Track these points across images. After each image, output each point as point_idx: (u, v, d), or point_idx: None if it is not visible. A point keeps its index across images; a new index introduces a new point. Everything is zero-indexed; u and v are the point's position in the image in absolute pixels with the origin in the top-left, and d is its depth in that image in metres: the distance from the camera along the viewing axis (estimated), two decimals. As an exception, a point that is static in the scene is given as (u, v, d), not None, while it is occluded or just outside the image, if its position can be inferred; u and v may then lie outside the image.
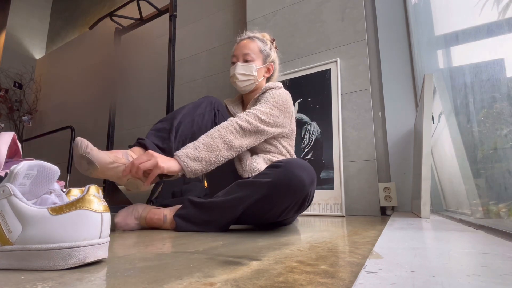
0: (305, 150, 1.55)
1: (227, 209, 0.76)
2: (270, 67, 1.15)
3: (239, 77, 1.08)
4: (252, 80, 1.10)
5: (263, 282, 0.30)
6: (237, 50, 1.12)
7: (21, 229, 0.36)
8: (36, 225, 0.36)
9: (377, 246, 0.49)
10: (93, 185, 0.40)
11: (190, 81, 2.24)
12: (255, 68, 1.09)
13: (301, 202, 0.75)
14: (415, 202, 1.16)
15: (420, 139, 1.04)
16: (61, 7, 3.90)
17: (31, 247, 0.36)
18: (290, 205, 0.73)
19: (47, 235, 0.36)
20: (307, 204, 0.79)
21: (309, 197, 0.76)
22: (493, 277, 0.29)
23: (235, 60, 1.11)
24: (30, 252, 0.36)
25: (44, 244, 0.36)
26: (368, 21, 1.58)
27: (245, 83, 1.09)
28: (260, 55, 1.11)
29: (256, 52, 1.10)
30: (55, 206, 0.37)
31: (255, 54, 1.10)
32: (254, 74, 1.09)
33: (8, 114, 3.45)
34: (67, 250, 0.37)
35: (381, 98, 1.49)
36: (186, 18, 2.39)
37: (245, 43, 1.12)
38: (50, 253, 0.36)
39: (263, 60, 1.12)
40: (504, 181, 0.79)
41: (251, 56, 1.09)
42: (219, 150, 0.85)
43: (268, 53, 1.14)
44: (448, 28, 1.16)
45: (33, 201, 0.40)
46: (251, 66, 1.08)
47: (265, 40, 1.15)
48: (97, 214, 0.39)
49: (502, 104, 0.78)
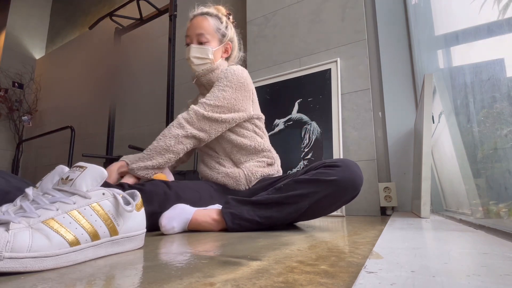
0: (305, 150, 1.55)
1: (291, 204, 0.76)
2: (228, 47, 1.09)
3: (194, 60, 1.02)
4: (209, 63, 1.04)
5: (263, 282, 0.30)
6: (190, 29, 1.04)
7: (123, 222, 0.48)
8: (130, 219, 0.49)
9: (377, 246, 0.49)
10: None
11: (190, 81, 2.24)
12: (211, 51, 1.02)
13: (354, 196, 0.79)
14: (415, 202, 1.16)
15: (420, 139, 1.04)
16: (61, 7, 3.90)
17: (130, 234, 0.50)
18: (347, 200, 0.78)
19: (137, 224, 0.51)
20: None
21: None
22: (493, 277, 0.29)
23: (188, 41, 1.04)
24: (129, 239, 0.50)
25: (135, 231, 0.51)
26: (368, 21, 1.58)
27: (202, 66, 1.04)
28: (215, 34, 1.05)
29: (211, 32, 1.04)
30: (137, 202, 0.52)
31: (209, 35, 1.03)
32: (210, 57, 1.03)
33: (8, 114, 3.44)
34: (143, 235, 0.54)
35: (381, 98, 1.49)
36: (186, 18, 2.38)
37: (198, 21, 1.04)
38: (138, 238, 0.52)
39: (219, 40, 1.06)
40: (504, 181, 0.79)
41: (205, 37, 1.02)
42: (165, 150, 0.92)
43: (224, 33, 1.07)
44: (448, 28, 1.16)
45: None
46: (206, 48, 1.02)
47: (220, 16, 1.08)
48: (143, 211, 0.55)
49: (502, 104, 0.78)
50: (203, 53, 1.02)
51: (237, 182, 0.98)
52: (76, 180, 0.43)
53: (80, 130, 2.83)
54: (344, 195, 0.76)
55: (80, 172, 0.44)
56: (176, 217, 0.75)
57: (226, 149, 1.03)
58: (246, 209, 0.78)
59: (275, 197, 0.78)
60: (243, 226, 0.76)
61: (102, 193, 0.45)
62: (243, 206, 0.79)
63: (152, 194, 0.80)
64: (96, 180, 0.45)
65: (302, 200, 0.76)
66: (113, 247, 0.47)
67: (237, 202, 0.80)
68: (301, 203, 0.76)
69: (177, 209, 0.76)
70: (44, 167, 3.31)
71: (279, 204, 0.77)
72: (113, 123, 2.17)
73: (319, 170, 0.78)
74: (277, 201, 0.77)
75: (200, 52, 1.02)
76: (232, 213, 0.77)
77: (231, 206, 0.79)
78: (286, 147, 1.59)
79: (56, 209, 0.40)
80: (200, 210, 0.80)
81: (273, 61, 1.81)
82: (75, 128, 2.40)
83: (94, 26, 2.29)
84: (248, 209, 0.78)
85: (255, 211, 0.77)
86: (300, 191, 0.76)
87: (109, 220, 0.45)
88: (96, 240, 0.43)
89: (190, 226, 0.77)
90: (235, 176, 0.98)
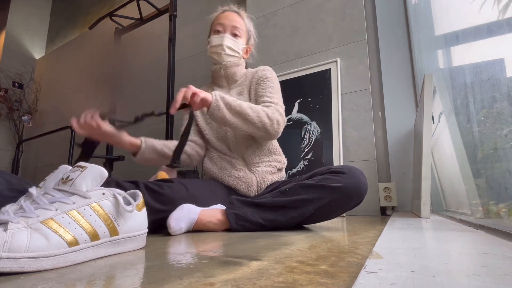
0: (305, 150, 1.55)
1: (295, 209, 0.77)
2: (248, 49, 1.11)
3: (227, 50, 1.02)
4: (237, 58, 1.05)
5: (263, 282, 0.30)
6: (224, 19, 1.04)
7: (123, 223, 0.47)
8: (130, 219, 0.49)
9: (377, 246, 0.49)
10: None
11: (190, 81, 2.24)
12: (242, 46, 1.04)
13: (358, 203, 0.80)
14: (415, 202, 1.16)
15: (420, 139, 1.04)
16: (61, 7, 3.89)
17: (130, 234, 0.49)
18: (351, 207, 0.79)
19: (138, 225, 0.51)
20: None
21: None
22: (493, 277, 0.29)
23: (220, 29, 1.03)
24: (130, 239, 0.49)
25: (136, 232, 0.50)
26: (368, 21, 1.58)
27: (230, 58, 1.04)
28: (246, 34, 1.07)
29: (244, 30, 1.06)
30: (138, 203, 0.52)
31: (243, 31, 1.05)
32: (240, 51, 1.04)
33: (8, 114, 3.44)
34: (145, 235, 0.53)
35: (381, 98, 1.49)
36: (186, 18, 2.38)
37: (233, 16, 1.05)
38: (139, 238, 0.51)
39: (247, 40, 1.08)
40: (504, 181, 0.79)
41: (239, 32, 1.03)
42: (246, 120, 0.89)
43: (251, 35, 1.09)
44: (448, 28, 1.16)
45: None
46: (239, 42, 1.03)
47: (249, 19, 1.10)
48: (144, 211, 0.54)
49: (502, 104, 0.78)
50: (235, 45, 1.03)
51: (249, 188, 0.97)
52: (76, 180, 0.43)
53: (80, 130, 2.83)
54: (348, 202, 0.77)
55: (80, 172, 0.44)
56: (184, 218, 0.74)
57: (242, 147, 1.01)
58: (251, 211, 0.78)
59: (280, 200, 0.78)
60: (246, 228, 0.76)
61: (102, 193, 0.45)
62: (247, 207, 0.79)
63: (171, 198, 0.79)
64: (96, 180, 0.45)
65: (306, 205, 0.76)
66: (113, 248, 0.46)
67: (241, 203, 0.80)
68: (306, 208, 0.76)
69: (184, 209, 0.76)
70: (44, 167, 3.31)
71: (284, 208, 0.77)
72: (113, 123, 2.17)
73: (325, 175, 0.78)
74: (282, 205, 0.77)
75: (233, 44, 1.03)
76: (236, 214, 0.77)
77: (235, 207, 0.79)
78: (286, 147, 1.59)
79: (55, 209, 0.40)
80: (205, 210, 0.79)
81: (273, 61, 1.81)
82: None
83: (94, 26, 2.29)
84: (252, 211, 0.78)
85: (259, 213, 0.78)
86: (305, 196, 0.76)
87: (109, 220, 0.45)
88: (96, 240, 0.43)
89: (196, 227, 0.77)
90: (247, 182, 0.97)
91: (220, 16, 1.06)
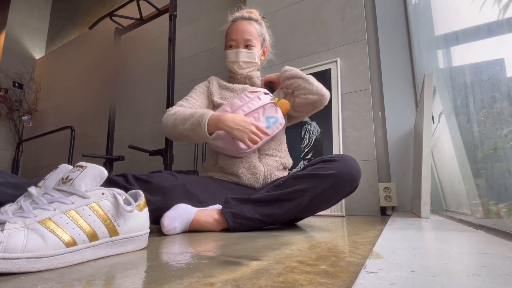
0: (305, 150, 1.55)
1: (291, 200, 0.77)
2: (265, 50, 1.13)
3: (243, 65, 1.06)
4: (254, 67, 1.09)
5: (263, 282, 0.30)
6: (236, 33, 1.07)
7: (123, 223, 0.47)
8: (131, 219, 0.49)
9: (377, 246, 0.49)
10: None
11: (190, 81, 2.24)
12: (257, 55, 1.07)
13: (352, 190, 0.81)
14: (415, 202, 1.16)
15: (420, 139, 1.04)
16: (61, 7, 3.89)
17: (131, 235, 0.49)
18: (346, 194, 0.80)
19: (139, 225, 0.50)
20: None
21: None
22: (493, 277, 0.29)
23: (234, 44, 1.07)
24: (130, 239, 0.49)
25: (136, 232, 0.50)
26: (368, 21, 1.58)
27: (247, 69, 1.09)
28: (259, 39, 1.09)
29: (256, 37, 1.08)
30: (140, 203, 0.51)
31: (255, 40, 1.07)
32: (256, 60, 1.08)
33: (8, 114, 3.44)
34: (146, 235, 0.53)
35: (381, 98, 1.49)
36: (186, 18, 2.38)
37: (244, 26, 1.07)
38: (140, 238, 0.51)
39: (261, 44, 1.10)
40: (504, 181, 0.79)
41: (253, 42, 1.06)
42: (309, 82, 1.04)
43: (264, 37, 1.11)
44: (448, 28, 1.16)
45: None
46: (253, 53, 1.06)
47: (260, 21, 1.12)
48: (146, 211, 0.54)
49: (502, 104, 0.78)
50: (251, 57, 1.07)
51: (255, 179, 0.97)
52: (75, 180, 0.43)
53: (80, 130, 2.83)
54: (343, 188, 0.78)
55: (80, 172, 0.44)
56: (178, 217, 0.73)
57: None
58: (247, 207, 0.78)
59: (275, 194, 0.78)
60: (244, 225, 0.76)
61: (102, 193, 0.44)
62: (243, 204, 0.78)
63: (159, 187, 0.77)
64: (95, 180, 0.44)
65: (302, 195, 0.77)
66: (113, 248, 0.46)
67: (237, 201, 0.80)
68: (301, 198, 0.77)
69: (179, 209, 0.75)
70: (44, 167, 3.31)
71: (280, 201, 0.78)
72: (113, 123, 2.17)
73: (317, 165, 0.79)
74: (277, 198, 0.78)
75: (248, 57, 1.07)
76: (232, 213, 0.76)
77: (231, 206, 0.78)
78: (286, 147, 1.59)
79: (54, 209, 0.40)
80: (201, 210, 0.79)
81: (273, 61, 1.80)
82: (75, 128, 2.40)
83: (94, 26, 2.29)
84: (248, 207, 0.78)
85: (255, 209, 0.77)
86: (299, 187, 0.77)
87: (108, 220, 0.44)
88: (95, 241, 0.42)
89: (192, 227, 0.76)
90: (255, 172, 0.97)
91: (232, 30, 1.09)
